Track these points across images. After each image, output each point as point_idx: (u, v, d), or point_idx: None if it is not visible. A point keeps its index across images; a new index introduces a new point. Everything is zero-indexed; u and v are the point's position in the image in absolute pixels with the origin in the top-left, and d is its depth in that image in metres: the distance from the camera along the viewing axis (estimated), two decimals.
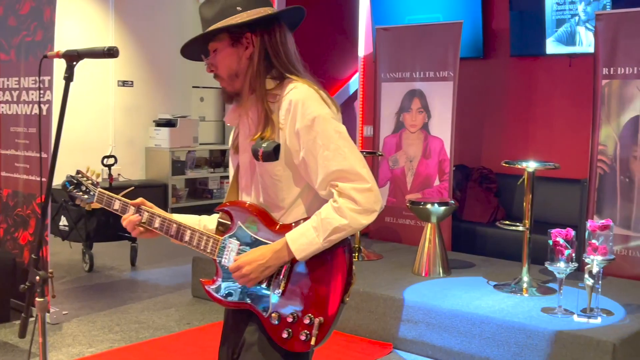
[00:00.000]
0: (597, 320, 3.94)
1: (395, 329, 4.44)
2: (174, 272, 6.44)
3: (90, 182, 2.37)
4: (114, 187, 6.48)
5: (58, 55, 2.04)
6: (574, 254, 4.07)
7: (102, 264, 6.62)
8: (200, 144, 9.82)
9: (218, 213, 2.23)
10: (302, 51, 2.18)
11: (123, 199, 2.30)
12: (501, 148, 6.71)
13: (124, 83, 9.12)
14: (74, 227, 6.41)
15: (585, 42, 6.10)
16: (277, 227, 2.08)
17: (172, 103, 9.77)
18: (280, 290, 2.04)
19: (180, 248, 2.27)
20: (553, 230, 4.08)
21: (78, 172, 2.40)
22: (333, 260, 2.01)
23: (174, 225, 2.21)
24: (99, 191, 2.35)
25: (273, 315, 2.04)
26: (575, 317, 3.99)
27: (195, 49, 2.16)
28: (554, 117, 6.46)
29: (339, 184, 1.97)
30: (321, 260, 2.01)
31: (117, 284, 6.01)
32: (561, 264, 4.05)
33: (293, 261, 2.03)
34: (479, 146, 6.89)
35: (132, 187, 2.55)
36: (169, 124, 9.33)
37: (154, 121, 9.43)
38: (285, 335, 2.02)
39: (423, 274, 5.03)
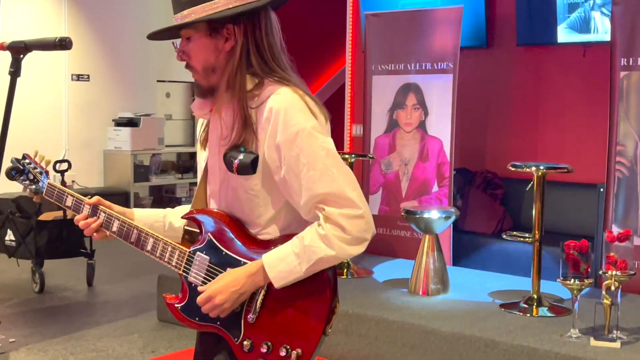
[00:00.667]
0: (616, 344, 3.96)
1: (389, 355, 4.45)
2: (137, 292, 6.42)
3: (38, 170, 2.34)
4: None
5: (2, 47, 2.04)
6: (589, 269, 4.10)
7: (54, 284, 6.59)
8: (167, 146, 9.82)
9: (184, 215, 2.21)
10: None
11: (77, 194, 2.29)
12: (508, 149, 6.74)
13: (78, 77, 9.11)
14: (22, 242, 6.38)
15: (602, 29, 6.14)
16: (253, 242, 2.08)
17: (134, 100, 9.77)
18: (254, 316, 2.04)
19: (144, 265, 2.27)
20: (566, 242, 4.10)
21: (24, 156, 2.36)
22: (315, 285, 2.00)
23: (135, 230, 2.20)
24: (49, 183, 2.32)
25: (245, 343, 2.03)
26: (592, 341, 4.01)
27: (164, 31, 2.14)
28: (566, 113, 6.51)
29: (326, 208, 1.96)
30: (301, 284, 2.00)
31: (71, 306, 5.99)
32: (575, 280, 4.07)
33: (270, 284, 2.02)
34: (483, 147, 6.92)
35: (92, 195, 2.54)
36: (131, 123, 9.33)
37: (113, 120, 9.43)
38: None
39: (420, 293, 5.05)
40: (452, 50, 6.01)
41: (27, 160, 2.34)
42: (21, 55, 2.02)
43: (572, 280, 4.09)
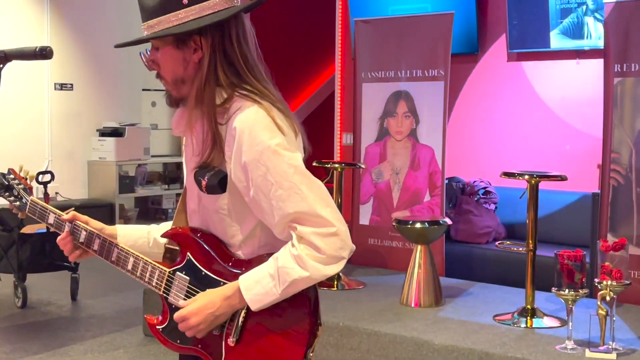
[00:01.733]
0: (612, 356, 3.98)
1: None
2: (122, 306, 6.40)
3: (22, 186, 2.34)
4: None
5: None
6: (584, 279, 4.12)
7: (37, 299, 6.56)
8: (152, 156, 9.81)
9: (166, 230, 2.20)
10: (268, 51, 2.17)
11: (57, 211, 2.28)
12: (500, 157, 6.78)
13: (62, 86, 9.10)
14: (3, 256, 6.35)
15: (595, 34, 6.19)
16: (232, 262, 2.06)
17: (118, 109, 9.77)
18: (234, 339, 2.01)
19: (129, 279, 2.27)
20: (560, 252, 4.12)
21: (9, 171, 2.37)
22: (295, 308, 1.97)
23: (115, 249, 2.19)
24: (32, 200, 2.33)
25: None
26: (587, 352, 4.02)
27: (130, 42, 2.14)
28: (560, 121, 6.54)
29: (298, 227, 1.92)
30: (281, 307, 1.97)
31: (55, 321, 5.97)
32: (570, 291, 4.09)
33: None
34: (475, 156, 6.95)
35: (72, 208, 2.53)
36: (116, 133, 9.32)
37: (97, 130, 9.42)
38: None
39: (412, 304, 5.05)
40: (443, 57, 6.03)
41: (11, 176, 2.35)
42: (1, 65, 2.02)
43: (567, 290, 4.10)
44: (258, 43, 2.11)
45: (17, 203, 2.32)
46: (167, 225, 2.29)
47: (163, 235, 2.19)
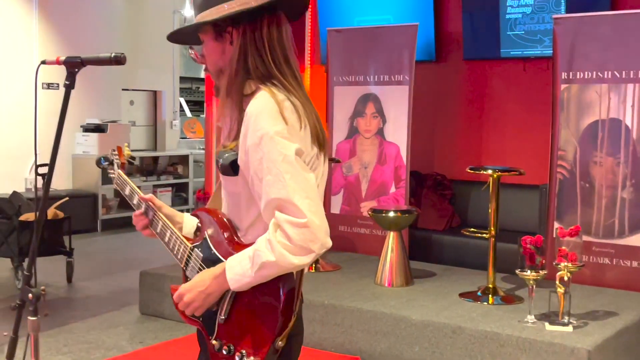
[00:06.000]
0: (569, 328, 4.14)
1: (363, 342, 4.56)
2: (115, 288, 6.39)
3: (118, 162, 2.50)
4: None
5: (58, 62, 2.07)
6: (544, 261, 4.27)
7: (32, 281, 6.48)
8: (132, 151, 9.72)
9: (192, 212, 2.23)
10: None
11: (135, 188, 2.35)
12: (455, 154, 6.92)
13: (49, 86, 8.98)
14: (4, 242, 6.29)
15: (540, 45, 6.36)
16: (236, 245, 2.00)
17: (100, 107, 9.68)
18: (223, 317, 1.98)
19: (119, 263, 2.32)
20: (523, 237, 4.26)
21: (114, 150, 2.53)
22: (270, 296, 1.90)
23: (160, 223, 2.19)
24: (118, 173, 2.47)
25: (214, 342, 1.99)
26: (547, 326, 4.17)
27: (186, 35, 2.13)
28: (509, 122, 6.71)
29: (276, 214, 1.85)
30: (262, 293, 1.92)
31: (55, 302, 5.94)
32: (532, 272, 4.24)
33: None
34: (432, 152, 7.08)
35: (67, 198, 2.65)
36: (98, 129, 9.25)
37: (81, 126, 9.34)
38: None
39: (386, 284, 5.16)
40: (408, 63, 6.14)
41: (114, 153, 2.54)
42: (76, 70, 2.06)
43: (529, 271, 4.25)
44: None
45: (114, 176, 2.50)
46: None
47: (192, 214, 2.20)
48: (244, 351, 1.91)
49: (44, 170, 6.67)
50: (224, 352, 1.94)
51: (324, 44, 6.96)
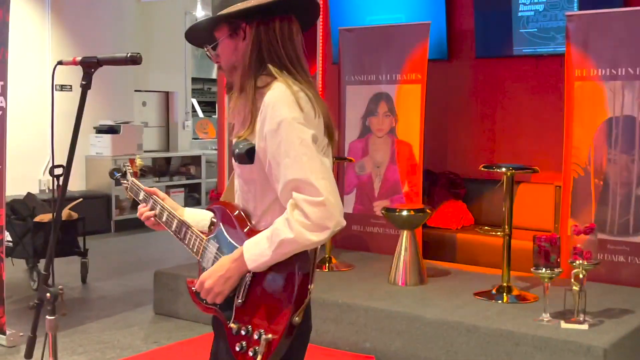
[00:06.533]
0: (585, 326, 4.12)
1: (377, 341, 4.55)
2: (129, 288, 6.41)
3: (131, 171, 2.54)
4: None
5: (75, 62, 2.08)
6: (559, 259, 4.25)
7: (49, 281, 6.51)
8: (145, 151, 9.77)
9: (208, 206, 2.29)
10: None
11: (144, 187, 2.44)
12: (468, 152, 6.90)
13: (62, 87, 9.01)
14: (19, 243, 6.31)
15: (553, 42, 6.33)
16: (251, 233, 2.07)
17: (113, 108, 9.70)
18: (241, 300, 2.05)
19: (132, 264, 2.35)
20: (537, 235, 4.25)
21: (125, 163, 2.58)
22: (286, 274, 1.99)
23: (175, 220, 2.28)
24: (132, 181, 2.51)
25: (232, 325, 2.05)
26: (562, 324, 4.15)
27: (201, 36, 2.19)
28: (522, 120, 6.68)
29: (294, 194, 1.94)
30: (278, 273, 2.00)
31: (70, 302, 5.96)
32: (546, 270, 4.22)
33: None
34: (445, 150, 7.06)
35: (81, 199, 2.69)
36: (111, 130, 9.27)
37: (94, 128, 9.36)
38: (238, 348, 2.03)
39: (399, 283, 5.15)
40: (421, 62, 6.13)
41: (127, 165, 2.57)
42: (92, 70, 2.06)
43: (544, 269, 4.23)
44: None
45: (126, 184, 2.55)
46: None
47: (207, 208, 2.27)
48: (262, 330, 1.98)
49: (58, 171, 6.69)
50: (243, 333, 2.02)
51: (336, 44, 6.96)
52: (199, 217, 2.36)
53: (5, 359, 4.59)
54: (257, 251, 1.98)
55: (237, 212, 2.14)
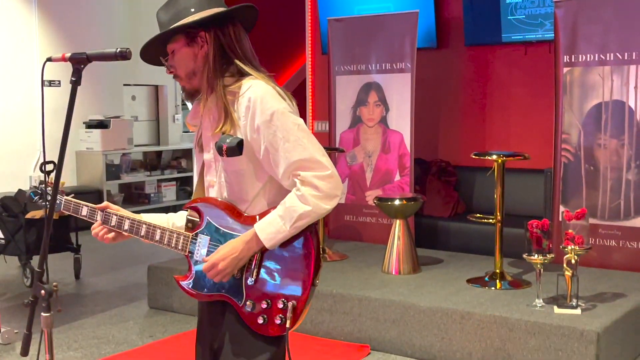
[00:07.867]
0: (577, 311, 4.15)
1: (372, 330, 4.57)
2: (123, 283, 6.41)
3: (50, 191, 2.44)
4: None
5: (64, 59, 2.08)
6: (551, 245, 4.28)
7: (43, 278, 6.51)
8: (135, 146, 9.75)
9: (186, 211, 2.37)
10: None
11: (89, 204, 2.45)
12: (459, 140, 6.92)
13: (50, 83, 8.98)
14: (11, 240, 6.30)
15: (542, 29, 6.35)
16: (243, 219, 2.25)
17: (102, 103, 9.68)
18: (253, 279, 2.22)
19: (125, 259, 2.37)
20: (529, 222, 4.27)
21: (41, 182, 2.55)
22: (302, 245, 2.20)
23: (144, 226, 2.36)
24: (66, 199, 2.50)
25: (248, 303, 2.22)
26: (555, 309, 4.18)
27: (153, 53, 2.34)
28: (512, 106, 6.70)
29: (300, 173, 2.14)
30: (290, 247, 2.20)
31: (64, 298, 5.95)
32: (539, 255, 4.24)
33: (263, 250, 2.21)
34: (436, 139, 7.08)
35: (72, 194, 2.67)
36: (101, 125, 9.25)
37: (84, 123, 9.33)
38: (260, 321, 2.20)
39: (393, 272, 5.17)
40: (410, 51, 6.14)
41: (42, 186, 2.54)
42: (82, 66, 2.06)
43: (536, 255, 4.26)
44: None
45: (43, 204, 2.53)
46: (182, 214, 2.45)
47: (186, 207, 2.36)
48: (284, 299, 2.18)
49: (49, 167, 6.68)
50: (264, 306, 2.19)
51: (325, 34, 6.96)
52: (158, 221, 2.43)
53: (0, 356, 4.59)
54: (273, 230, 2.16)
55: (223, 203, 2.29)
